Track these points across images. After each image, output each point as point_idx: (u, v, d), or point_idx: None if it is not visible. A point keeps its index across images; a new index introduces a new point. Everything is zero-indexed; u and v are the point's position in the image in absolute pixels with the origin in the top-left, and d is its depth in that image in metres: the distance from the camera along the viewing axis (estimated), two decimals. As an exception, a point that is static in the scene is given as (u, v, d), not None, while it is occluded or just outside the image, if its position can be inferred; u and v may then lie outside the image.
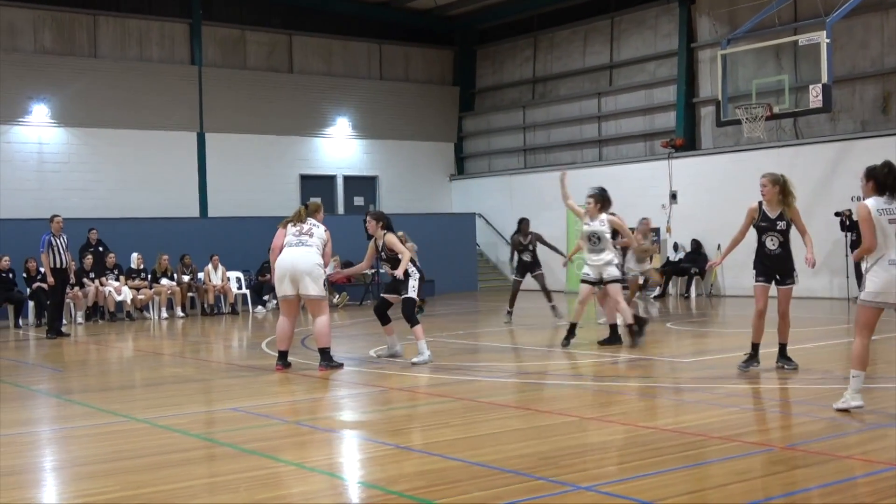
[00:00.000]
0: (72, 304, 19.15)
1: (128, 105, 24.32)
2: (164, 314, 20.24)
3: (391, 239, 11.53)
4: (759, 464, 6.17)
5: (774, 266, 9.87)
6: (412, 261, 11.72)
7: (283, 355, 11.18)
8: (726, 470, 6.01)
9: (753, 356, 9.96)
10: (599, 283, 12.52)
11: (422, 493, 5.61)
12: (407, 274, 11.55)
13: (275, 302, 21.82)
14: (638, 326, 12.44)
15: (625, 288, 13.72)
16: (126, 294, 19.97)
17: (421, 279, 11.65)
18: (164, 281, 20.66)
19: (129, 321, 19.62)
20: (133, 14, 24.87)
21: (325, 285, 11.24)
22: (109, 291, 19.78)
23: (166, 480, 6.08)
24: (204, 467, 6.69)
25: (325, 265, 11.20)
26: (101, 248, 20.42)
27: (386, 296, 11.88)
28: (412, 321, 11.50)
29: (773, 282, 9.91)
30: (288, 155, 26.82)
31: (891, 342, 12.95)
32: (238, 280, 21.75)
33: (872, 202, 7.58)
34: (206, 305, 20.98)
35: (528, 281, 16.16)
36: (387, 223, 11.71)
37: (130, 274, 20.47)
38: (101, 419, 8.43)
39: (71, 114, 23.75)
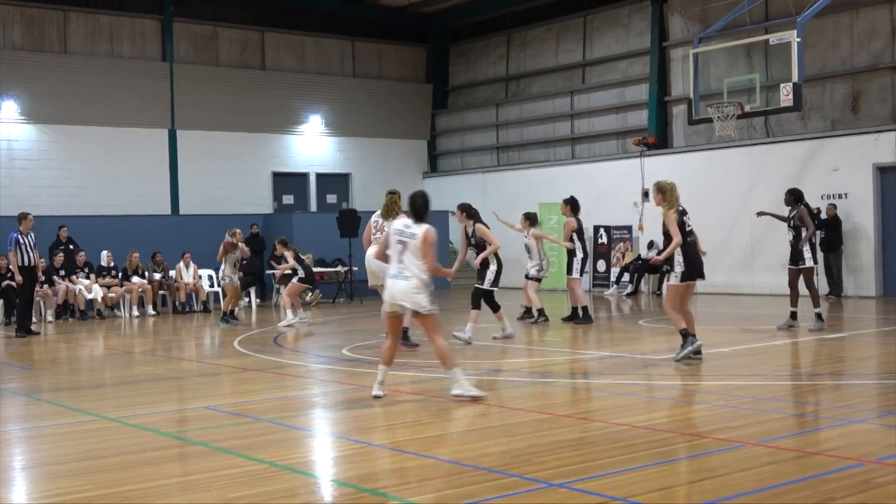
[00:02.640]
0: (41, 303, 18.99)
1: (98, 102, 24.12)
2: (136, 312, 20.12)
3: (481, 228, 12.86)
4: (729, 460, 6.21)
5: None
6: (496, 252, 12.91)
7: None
8: (697, 466, 6.06)
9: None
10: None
11: (394, 490, 5.61)
12: (486, 264, 12.86)
13: (247, 300, 21.78)
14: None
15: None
16: (96, 292, 19.82)
17: (498, 271, 12.90)
18: (135, 279, 20.52)
19: (100, 319, 19.49)
20: (104, 10, 24.65)
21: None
22: (80, 289, 19.63)
23: (138, 479, 6.05)
24: (176, 466, 6.66)
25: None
26: (71, 246, 20.26)
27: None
28: (477, 306, 12.91)
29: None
30: (260, 152, 26.70)
31: (857, 339, 13.08)
32: (210, 278, 21.63)
33: (397, 222, 8.54)
34: (177, 303, 20.87)
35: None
36: (472, 213, 13.00)
37: (101, 272, 20.32)
38: (71, 418, 8.38)
39: (41, 110, 23.52)
